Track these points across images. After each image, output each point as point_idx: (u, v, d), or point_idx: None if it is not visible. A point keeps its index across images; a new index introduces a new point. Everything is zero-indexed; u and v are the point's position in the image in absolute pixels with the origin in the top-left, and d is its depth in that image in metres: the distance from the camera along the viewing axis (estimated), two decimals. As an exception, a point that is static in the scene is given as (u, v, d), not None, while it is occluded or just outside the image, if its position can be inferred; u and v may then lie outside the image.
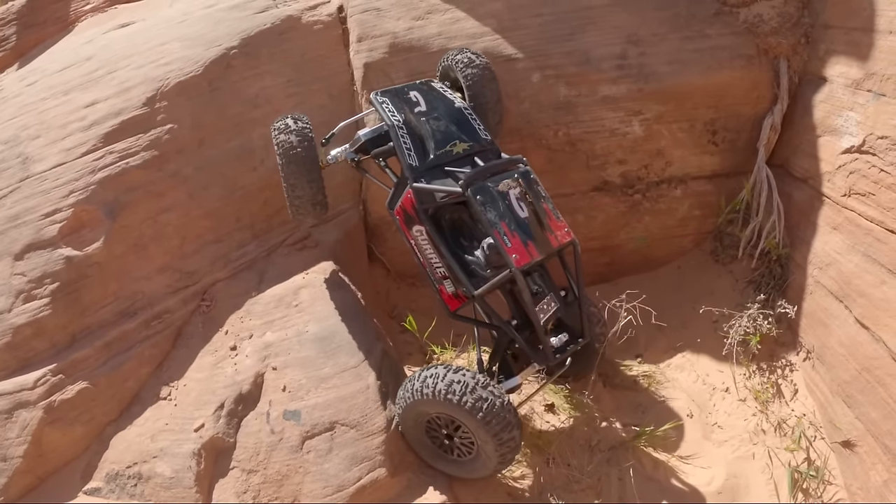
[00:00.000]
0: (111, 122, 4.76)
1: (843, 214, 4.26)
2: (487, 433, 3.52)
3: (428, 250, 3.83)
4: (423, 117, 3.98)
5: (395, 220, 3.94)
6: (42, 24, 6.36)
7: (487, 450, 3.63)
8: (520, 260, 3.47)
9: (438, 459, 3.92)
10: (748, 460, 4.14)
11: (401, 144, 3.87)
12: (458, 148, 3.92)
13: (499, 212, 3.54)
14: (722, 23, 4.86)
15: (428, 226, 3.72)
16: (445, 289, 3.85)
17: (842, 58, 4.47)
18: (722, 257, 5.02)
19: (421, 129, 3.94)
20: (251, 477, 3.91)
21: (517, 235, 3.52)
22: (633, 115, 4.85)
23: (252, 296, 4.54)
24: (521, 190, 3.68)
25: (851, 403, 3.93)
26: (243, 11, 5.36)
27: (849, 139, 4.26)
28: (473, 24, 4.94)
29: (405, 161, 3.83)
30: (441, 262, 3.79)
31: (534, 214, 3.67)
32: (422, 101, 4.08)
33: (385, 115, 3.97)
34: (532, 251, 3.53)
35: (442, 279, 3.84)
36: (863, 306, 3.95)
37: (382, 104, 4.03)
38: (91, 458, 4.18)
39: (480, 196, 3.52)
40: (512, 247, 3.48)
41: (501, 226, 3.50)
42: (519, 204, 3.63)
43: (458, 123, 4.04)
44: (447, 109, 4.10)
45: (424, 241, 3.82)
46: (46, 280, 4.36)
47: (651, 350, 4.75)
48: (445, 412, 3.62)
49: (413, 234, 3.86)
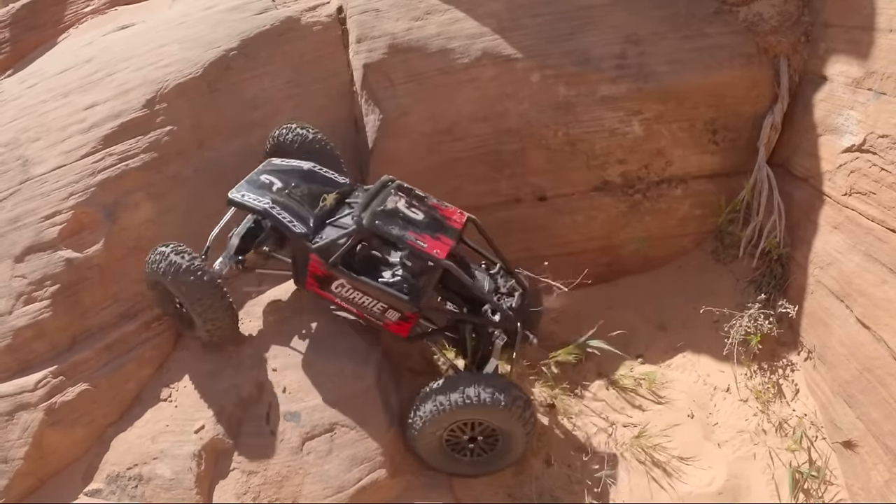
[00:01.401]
0: (111, 124, 4.77)
1: (843, 213, 4.25)
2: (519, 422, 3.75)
3: (356, 297, 3.97)
4: (285, 191, 4.15)
5: (312, 293, 4.10)
6: (41, 27, 6.37)
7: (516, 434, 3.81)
8: (441, 252, 3.78)
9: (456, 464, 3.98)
10: (749, 460, 4.13)
11: (281, 221, 4.00)
12: (329, 200, 4.17)
13: (400, 225, 3.82)
14: (721, 21, 4.85)
15: (345, 276, 3.88)
16: (390, 319, 3.98)
17: (842, 56, 4.45)
18: (723, 257, 5.01)
19: (289, 202, 4.10)
20: (251, 478, 3.91)
21: (426, 235, 3.82)
22: (633, 115, 4.84)
23: (252, 297, 4.54)
24: (406, 199, 3.98)
25: (852, 403, 3.92)
26: (242, 13, 5.37)
27: (849, 138, 4.25)
28: (472, 25, 4.94)
29: (293, 233, 3.98)
30: (373, 299, 3.93)
31: (427, 213, 3.95)
32: (275, 180, 4.22)
33: (251, 204, 4.05)
34: (445, 241, 3.85)
35: (382, 314, 3.97)
36: (864, 306, 3.94)
37: (243, 197, 4.09)
38: (92, 460, 4.19)
39: (378, 220, 3.80)
40: (428, 246, 3.78)
41: (410, 234, 3.79)
42: (411, 210, 3.92)
43: (316, 181, 4.28)
44: (300, 175, 4.29)
45: (348, 290, 3.96)
46: (47, 282, 4.36)
47: (652, 350, 4.74)
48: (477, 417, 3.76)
49: (334, 292, 4.00)
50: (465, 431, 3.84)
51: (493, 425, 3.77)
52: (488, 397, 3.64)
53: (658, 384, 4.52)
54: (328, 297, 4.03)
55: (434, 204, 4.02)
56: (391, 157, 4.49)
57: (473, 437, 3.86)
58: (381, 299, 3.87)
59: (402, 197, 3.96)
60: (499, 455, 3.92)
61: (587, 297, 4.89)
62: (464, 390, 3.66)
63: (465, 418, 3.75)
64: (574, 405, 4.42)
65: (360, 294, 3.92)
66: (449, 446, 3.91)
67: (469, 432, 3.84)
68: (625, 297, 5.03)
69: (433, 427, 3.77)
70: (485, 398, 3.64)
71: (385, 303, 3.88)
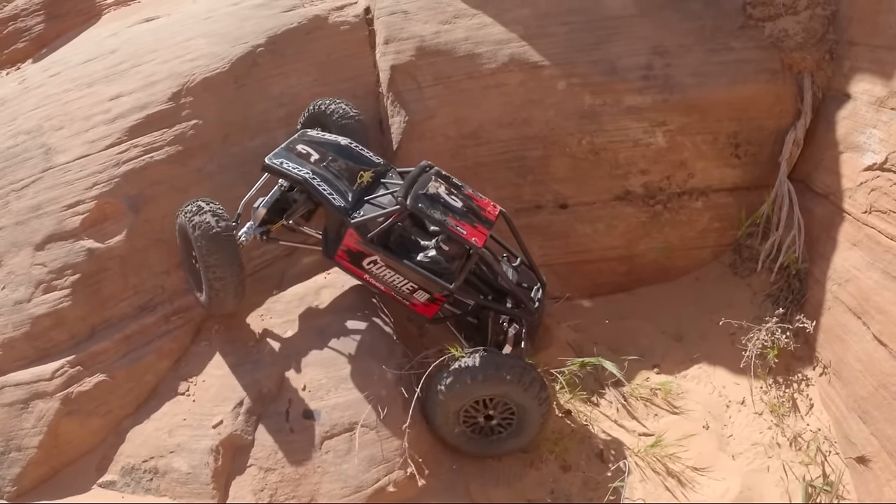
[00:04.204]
0: (136, 115, 4.78)
1: (863, 231, 4.28)
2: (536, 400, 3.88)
3: (387, 275, 4.03)
4: (322, 163, 4.18)
5: (339, 265, 4.15)
6: (65, 16, 6.37)
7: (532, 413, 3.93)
8: (479, 241, 3.89)
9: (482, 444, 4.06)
10: (763, 473, 4.15)
11: (322, 193, 4.04)
12: (366, 177, 4.23)
13: (441, 210, 3.90)
14: (747, 36, 4.89)
15: (380, 252, 3.95)
16: (418, 300, 4.05)
17: (866, 75, 4.49)
18: (741, 270, 5.03)
19: (327, 174, 4.13)
20: (269, 475, 3.90)
21: (465, 223, 3.91)
22: (657, 126, 4.88)
23: (273, 294, 4.55)
24: (446, 186, 4.06)
25: (867, 419, 3.94)
26: (270, 10, 5.38)
27: (871, 156, 4.29)
28: (500, 30, 4.97)
29: (333, 205, 4.02)
30: (405, 278, 4.00)
31: (464, 202, 4.03)
32: (312, 151, 4.23)
33: (291, 172, 4.07)
34: (481, 230, 3.94)
35: (411, 294, 4.04)
36: (881, 323, 3.96)
37: (282, 164, 4.11)
38: (107, 451, 4.18)
39: (421, 204, 3.87)
40: (467, 233, 3.86)
41: (450, 220, 3.87)
42: (451, 197, 4.00)
43: (352, 158, 4.31)
44: (337, 149, 4.31)
45: (380, 268, 4.02)
46: (67, 271, 4.36)
47: (668, 361, 4.76)
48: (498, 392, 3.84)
49: (365, 267, 4.06)
50: (480, 410, 3.94)
51: (513, 401, 3.87)
52: (511, 373, 3.76)
53: (674, 394, 4.54)
54: (356, 271, 4.10)
55: (470, 193, 4.12)
56: (415, 159, 4.48)
57: (489, 415, 3.95)
58: (412, 279, 3.97)
59: (442, 183, 4.04)
60: (513, 434, 4.01)
61: (605, 305, 4.93)
62: (488, 366, 3.77)
63: (487, 394, 3.85)
64: (590, 412, 4.43)
65: (391, 272, 3.99)
66: (466, 426, 3.99)
67: (485, 410, 3.94)
68: (642, 306, 5.04)
69: (455, 403, 3.85)
70: (507, 374, 3.76)
71: (416, 283, 3.97)
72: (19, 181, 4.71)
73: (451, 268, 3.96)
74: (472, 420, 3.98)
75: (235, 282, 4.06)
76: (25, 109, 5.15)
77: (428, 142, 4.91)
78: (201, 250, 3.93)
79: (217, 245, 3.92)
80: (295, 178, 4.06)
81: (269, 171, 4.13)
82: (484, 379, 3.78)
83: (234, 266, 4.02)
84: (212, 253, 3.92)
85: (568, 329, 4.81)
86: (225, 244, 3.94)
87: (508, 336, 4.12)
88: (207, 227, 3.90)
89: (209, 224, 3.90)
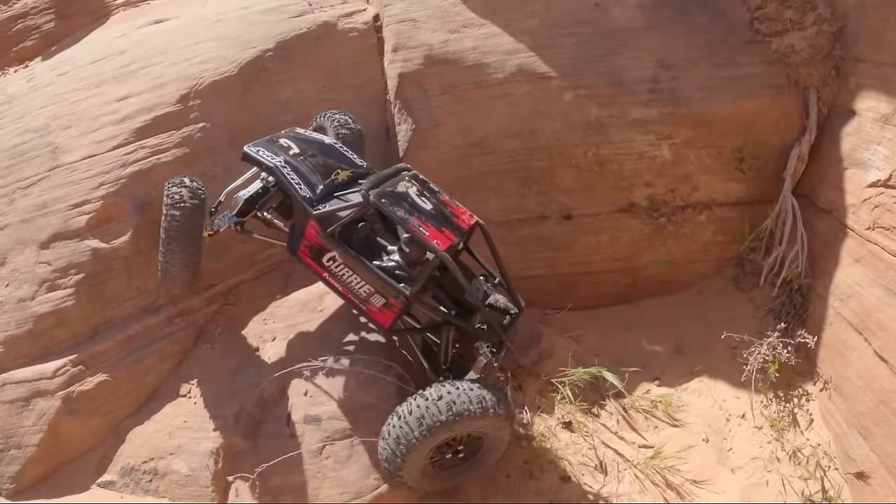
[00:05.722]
0: (144, 117, 4.78)
1: (866, 247, 4.29)
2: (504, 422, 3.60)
3: (345, 275, 3.86)
4: (301, 157, 4.08)
5: (301, 262, 3.99)
6: (74, 15, 6.37)
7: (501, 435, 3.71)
8: (442, 244, 3.62)
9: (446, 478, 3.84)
10: (762, 487, 4.16)
11: (289, 181, 3.91)
12: (342, 175, 4.07)
13: (406, 209, 3.69)
14: (754, 51, 4.91)
15: (339, 248, 3.78)
16: (374, 305, 3.86)
17: (872, 92, 4.51)
18: (743, 284, 5.04)
19: (301, 167, 4.01)
20: (268, 479, 3.90)
21: (430, 225, 3.67)
22: (663, 139, 4.89)
23: (276, 298, 4.56)
24: (418, 188, 3.86)
25: (867, 435, 3.95)
26: (279, 15, 5.39)
27: (875, 173, 4.31)
28: (508, 41, 4.99)
29: (298, 195, 3.87)
30: (362, 280, 3.82)
31: (436, 206, 3.82)
32: (293, 145, 4.15)
33: (264, 160, 3.98)
34: (448, 235, 3.69)
35: (368, 298, 3.85)
36: (883, 339, 3.97)
37: (258, 152, 4.03)
38: (107, 451, 4.19)
39: (385, 199, 3.67)
40: (430, 235, 3.62)
41: (414, 220, 3.65)
42: (421, 199, 3.79)
43: (333, 156, 4.19)
44: (320, 147, 4.23)
45: (339, 266, 3.86)
46: (71, 270, 4.37)
47: (669, 373, 4.76)
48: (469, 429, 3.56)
49: (325, 265, 3.90)
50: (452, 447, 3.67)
51: (486, 433, 3.63)
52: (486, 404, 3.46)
53: (674, 407, 4.54)
54: (317, 269, 3.94)
55: (445, 200, 3.92)
56: (421, 168, 4.45)
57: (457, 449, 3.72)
58: (369, 281, 3.78)
59: (415, 185, 3.87)
60: (481, 459, 3.83)
61: (607, 317, 4.94)
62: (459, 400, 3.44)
63: (460, 432, 3.55)
64: (590, 423, 4.43)
65: (349, 272, 3.82)
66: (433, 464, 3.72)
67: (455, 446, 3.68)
68: (644, 318, 5.05)
69: (423, 448, 3.51)
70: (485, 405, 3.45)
71: (372, 286, 3.78)
72: (26, 179, 4.71)
73: (412, 274, 3.76)
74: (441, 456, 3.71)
75: (185, 261, 4.03)
76: (33, 108, 5.15)
77: (434, 150, 4.93)
78: (165, 219, 3.94)
79: (181, 218, 3.91)
80: (266, 166, 3.96)
81: (246, 159, 4.04)
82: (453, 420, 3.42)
83: (189, 244, 3.98)
84: (172, 225, 3.92)
85: (569, 340, 4.82)
86: (188, 220, 3.93)
87: (478, 363, 3.75)
88: (178, 199, 3.92)
89: (181, 196, 3.92)
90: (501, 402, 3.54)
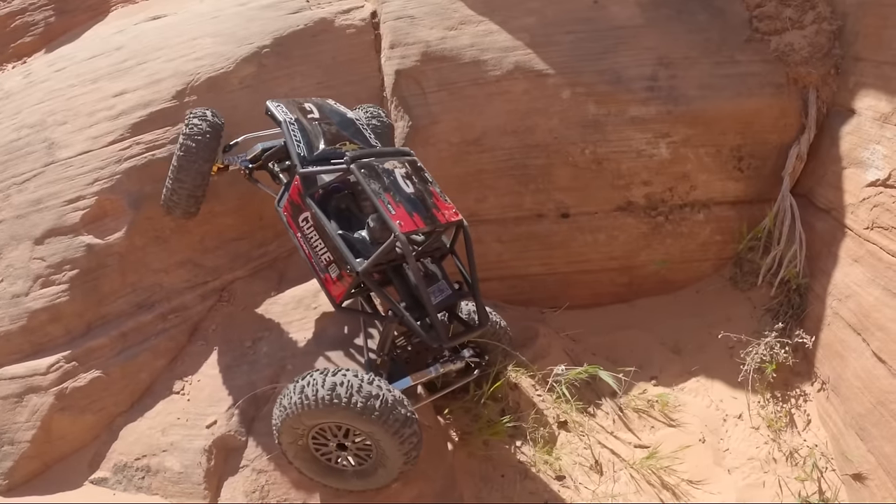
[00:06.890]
0: (139, 112, 4.77)
1: (864, 247, 4.27)
2: (386, 432, 3.23)
3: (313, 237, 3.76)
4: (316, 121, 4.07)
5: (282, 218, 3.93)
6: (73, 11, 6.38)
7: (389, 450, 3.33)
8: (404, 226, 3.38)
9: (331, 475, 3.63)
10: (758, 488, 4.13)
11: (291, 137, 3.88)
12: (348, 148, 3.93)
13: (383, 185, 3.50)
14: (753, 50, 4.90)
15: (313, 209, 3.68)
16: (330, 275, 3.73)
17: (871, 91, 4.49)
18: (741, 284, 5.02)
19: (312, 130, 3.99)
20: (261, 477, 3.87)
21: (402, 206, 3.46)
22: (661, 137, 4.87)
23: (271, 295, 4.53)
24: (407, 171, 3.68)
25: (864, 436, 3.93)
26: (276, 11, 5.38)
27: (874, 172, 4.28)
28: (506, 38, 4.97)
29: (294, 151, 3.83)
30: (324, 246, 3.71)
31: (419, 192, 3.61)
32: (316, 110, 4.18)
33: (278, 113, 4.00)
34: (417, 221, 3.44)
35: (326, 266, 3.73)
36: (881, 340, 3.95)
37: (277, 107, 4.07)
38: (99, 448, 4.17)
39: (364, 169, 3.51)
40: (396, 214, 3.40)
41: (385, 196, 3.45)
42: (405, 181, 3.60)
43: (349, 130, 4.14)
44: (340, 118, 4.22)
45: (309, 228, 3.77)
46: (66, 266, 4.35)
47: (666, 373, 4.74)
48: (334, 420, 3.31)
49: (300, 225, 3.82)
50: (330, 436, 3.44)
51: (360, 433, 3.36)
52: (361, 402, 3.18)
53: (671, 407, 4.52)
54: (293, 227, 3.87)
55: (434, 191, 3.70)
56: (418, 164, 4.49)
57: (341, 443, 3.46)
58: (329, 248, 3.68)
59: (405, 167, 3.69)
60: (373, 470, 3.52)
61: (604, 316, 4.91)
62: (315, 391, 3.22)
63: (315, 421, 3.34)
64: (586, 423, 4.41)
65: (316, 235, 3.74)
66: (318, 453, 3.54)
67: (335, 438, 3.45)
68: (641, 318, 5.03)
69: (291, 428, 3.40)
70: (337, 395, 3.19)
71: (332, 254, 3.67)
72: (21, 174, 4.70)
73: (371, 251, 3.53)
74: (324, 446, 3.51)
75: (190, 191, 4.23)
76: (30, 103, 5.15)
77: (431, 147, 4.90)
78: (180, 147, 4.16)
79: (195, 150, 4.13)
80: (277, 119, 3.97)
81: (267, 112, 4.08)
82: (314, 407, 3.22)
83: (197, 176, 4.19)
84: (186, 154, 4.14)
85: (565, 339, 4.80)
86: (202, 152, 4.14)
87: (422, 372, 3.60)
88: (197, 131, 4.14)
89: (200, 129, 4.14)
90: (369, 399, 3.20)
